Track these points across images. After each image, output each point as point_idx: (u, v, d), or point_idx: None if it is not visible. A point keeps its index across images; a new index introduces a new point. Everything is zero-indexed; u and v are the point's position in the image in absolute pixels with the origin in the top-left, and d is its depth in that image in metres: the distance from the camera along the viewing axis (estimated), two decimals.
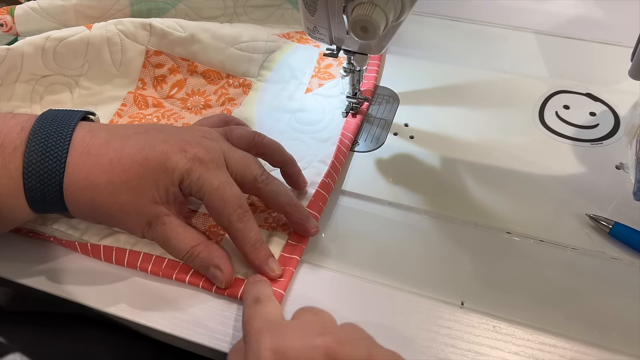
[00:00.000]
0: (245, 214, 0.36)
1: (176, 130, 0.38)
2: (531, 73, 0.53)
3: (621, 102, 0.50)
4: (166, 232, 0.36)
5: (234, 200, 0.36)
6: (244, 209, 0.36)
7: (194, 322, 0.36)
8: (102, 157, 0.35)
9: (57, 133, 0.35)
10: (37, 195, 0.34)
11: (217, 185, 0.35)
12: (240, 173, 0.37)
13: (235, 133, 0.41)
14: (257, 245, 0.37)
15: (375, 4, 0.33)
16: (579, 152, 0.46)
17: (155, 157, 0.35)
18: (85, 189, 0.34)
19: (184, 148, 0.36)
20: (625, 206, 0.42)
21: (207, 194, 0.35)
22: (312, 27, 0.41)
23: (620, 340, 0.35)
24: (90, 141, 0.35)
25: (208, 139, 0.38)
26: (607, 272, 0.39)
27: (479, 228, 0.41)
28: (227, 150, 0.38)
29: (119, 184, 0.34)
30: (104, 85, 0.52)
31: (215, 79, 0.53)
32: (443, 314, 0.36)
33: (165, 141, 0.36)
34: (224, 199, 0.35)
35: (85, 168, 0.34)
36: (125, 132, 0.37)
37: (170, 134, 0.37)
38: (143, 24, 0.52)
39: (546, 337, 0.35)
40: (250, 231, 0.37)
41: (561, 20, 0.58)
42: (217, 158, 0.36)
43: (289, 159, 0.42)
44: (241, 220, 0.36)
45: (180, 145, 0.36)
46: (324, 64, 0.54)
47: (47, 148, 0.34)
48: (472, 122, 0.49)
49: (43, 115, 0.36)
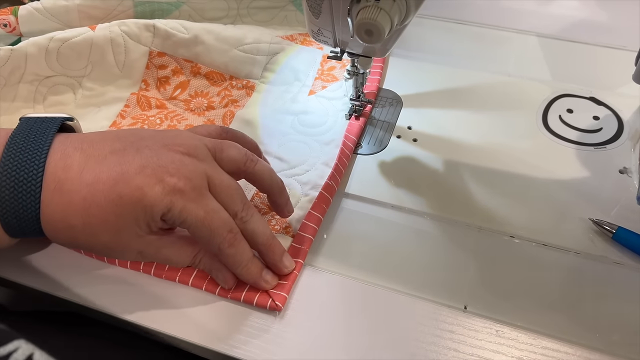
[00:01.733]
0: (236, 237, 0.35)
1: (156, 147, 0.34)
2: (535, 76, 0.53)
3: (625, 106, 0.50)
4: (162, 254, 0.35)
5: (222, 227, 0.34)
6: (233, 233, 0.35)
7: (194, 322, 0.36)
8: (75, 195, 0.32)
9: (29, 162, 0.32)
10: (15, 229, 0.33)
11: (202, 216, 0.33)
12: (223, 203, 0.35)
13: (226, 154, 0.37)
14: (249, 265, 0.36)
15: (380, 8, 0.33)
16: (582, 156, 0.46)
17: (130, 194, 0.32)
18: (63, 230, 0.33)
19: (161, 178, 0.33)
20: (629, 210, 0.42)
21: (192, 225, 0.33)
22: (316, 29, 0.41)
23: (623, 344, 0.35)
24: (63, 174, 0.33)
25: (191, 159, 0.34)
26: (610, 277, 0.38)
27: (482, 231, 0.41)
28: (212, 174, 0.35)
29: (96, 225, 0.32)
30: (107, 87, 0.52)
31: (219, 80, 0.53)
32: (446, 318, 0.36)
33: (141, 170, 0.33)
34: (212, 229, 0.33)
35: (59, 208, 0.32)
36: (100, 151, 0.34)
37: (149, 157, 0.34)
38: (147, 25, 0.52)
39: (549, 341, 0.35)
40: (242, 253, 0.35)
41: (565, 24, 0.58)
42: (199, 185, 0.34)
43: (278, 187, 0.39)
44: (232, 245, 0.35)
45: (157, 174, 0.33)
46: (327, 66, 0.54)
47: (19, 182, 0.32)
48: (475, 125, 0.49)
49: (13, 138, 0.33)
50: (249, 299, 0.36)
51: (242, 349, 0.35)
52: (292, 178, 0.44)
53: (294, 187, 0.43)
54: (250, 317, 0.37)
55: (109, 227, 0.33)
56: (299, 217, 0.41)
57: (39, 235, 0.34)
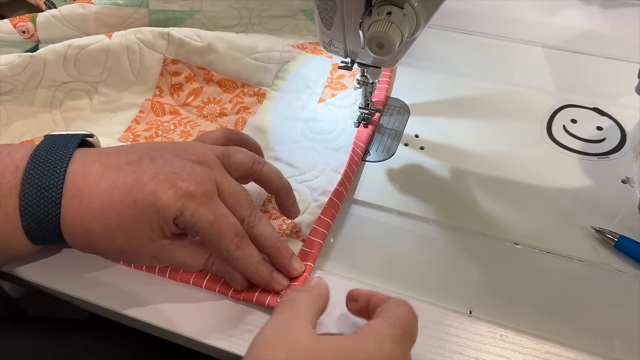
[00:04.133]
0: (243, 241, 0.36)
1: (169, 157, 0.36)
2: (539, 87, 0.54)
3: (628, 117, 0.51)
4: (175, 258, 0.37)
5: (230, 231, 0.35)
6: (240, 236, 0.36)
7: (207, 324, 0.37)
8: (93, 201, 0.34)
9: (50, 171, 0.34)
10: (37, 234, 0.35)
11: (212, 220, 0.34)
12: (231, 208, 0.36)
13: (233, 160, 0.39)
14: (259, 267, 0.37)
15: (391, 21, 0.34)
16: (585, 166, 0.47)
17: (144, 198, 0.34)
18: (81, 235, 0.35)
19: (174, 183, 0.34)
20: (631, 220, 0.43)
21: (202, 229, 0.35)
22: (327, 40, 0.42)
23: (624, 350, 0.36)
24: (82, 181, 0.35)
25: (202, 166, 0.36)
26: (611, 284, 0.39)
27: (487, 238, 0.42)
28: (222, 180, 0.36)
29: (112, 229, 0.34)
30: (122, 92, 0.54)
31: (231, 87, 0.54)
32: (451, 322, 0.37)
33: (154, 176, 0.35)
34: (221, 232, 0.35)
35: (79, 213, 0.34)
36: (117, 162, 0.36)
37: (162, 165, 0.35)
38: (161, 33, 0.53)
39: (552, 346, 0.36)
40: (250, 256, 0.36)
41: (570, 35, 0.60)
42: (209, 190, 0.35)
43: (285, 189, 0.40)
44: (239, 248, 0.36)
45: (170, 180, 0.34)
46: (337, 75, 0.55)
47: (41, 189, 0.34)
48: (481, 134, 0.50)
49: (37, 150, 0.36)
50: (261, 300, 0.37)
51: None
52: (302, 184, 0.45)
53: (304, 193, 0.44)
54: (263, 319, 0.38)
55: (124, 231, 0.34)
56: (308, 222, 0.42)
57: (59, 241, 0.35)
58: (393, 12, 0.34)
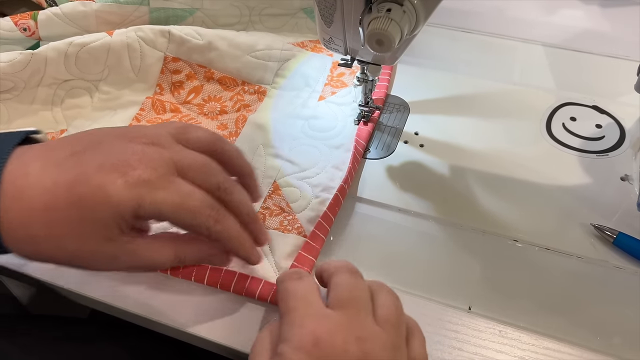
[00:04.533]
0: (220, 213, 0.33)
1: (115, 142, 0.32)
2: (539, 85, 0.55)
3: (627, 115, 0.51)
4: (140, 256, 0.32)
5: (203, 207, 0.32)
6: (216, 209, 0.33)
7: (207, 319, 0.38)
8: (35, 202, 0.30)
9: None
10: None
11: (178, 201, 0.31)
12: (198, 181, 0.33)
13: (193, 135, 0.35)
14: (241, 238, 0.35)
15: (391, 18, 0.34)
16: (584, 163, 0.47)
17: (91, 194, 0.30)
18: (25, 241, 0.30)
19: (123, 172, 0.30)
20: (629, 217, 0.43)
21: (171, 213, 0.31)
22: (327, 37, 0.42)
23: (623, 346, 0.36)
24: (21, 181, 0.30)
25: (154, 147, 0.32)
26: (610, 281, 0.40)
27: (487, 235, 0.43)
28: (180, 156, 0.33)
29: (60, 233, 0.30)
30: (123, 90, 0.54)
31: (231, 85, 0.54)
32: (451, 318, 0.38)
33: (99, 168, 0.30)
34: (193, 211, 0.31)
35: (19, 217, 0.30)
36: (60, 154, 0.32)
37: (107, 153, 0.31)
38: (162, 31, 0.53)
39: (551, 342, 0.36)
40: (230, 228, 0.34)
41: (569, 34, 0.60)
42: (166, 172, 0.31)
43: (248, 170, 0.37)
44: (218, 221, 0.33)
45: (118, 169, 0.30)
46: (337, 73, 0.55)
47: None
48: (480, 132, 0.51)
49: None
50: (263, 295, 0.38)
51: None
52: (303, 181, 0.45)
53: (305, 190, 0.44)
54: (266, 315, 0.38)
55: (74, 234, 0.30)
56: (309, 218, 0.42)
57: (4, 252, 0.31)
58: (393, 9, 0.34)
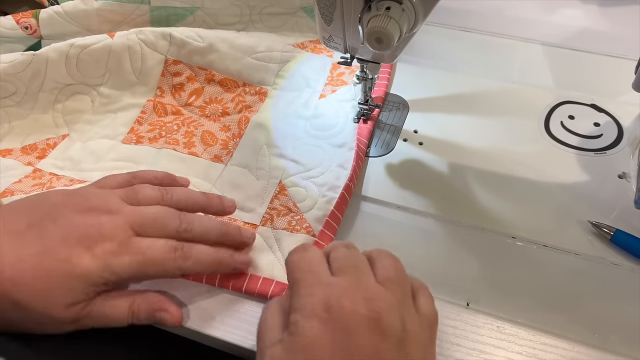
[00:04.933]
0: (184, 250, 0.35)
1: (71, 216, 0.34)
2: (538, 83, 0.55)
3: (625, 113, 0.51)
4: (97, 313, 0.33)
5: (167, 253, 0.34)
6: (180, 249, 0.35)
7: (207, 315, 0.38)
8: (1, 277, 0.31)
9: None
10: None
11: (141, 259, 0.33)
12: (157, 233, 0.35)
13: (142, 195, 0.37)
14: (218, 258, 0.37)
15: (390, 17, 0.35)
16: (582, 161, 0.48)
17: (59, 268, 0.32)
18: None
19: (88, 246, 0.32)
20: (627, 214, 0.43)
21: (139, 272, 0.33)
22: (327, 36, 0.43)
23: (620, 342, 0.36)
24: None
25: (108, 216, 0.34)
26: (608, 277, 0.40)
27: (485, 232, 0.43)
28: (133, 218, 0.35)
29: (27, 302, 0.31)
30: (124, 93, 0.54)
31: (232, 87, 0.55)
32: (449, 314, 0.38)
33: (64, 241, 0.32)
34: (158, 261, 0.34)
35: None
36: (16, 225, 0.33)
37: (67, 226, 0.33)
38: (163, 34, 0.54)
39: (548, 338, 0.36)
40: (201, 254, 0.36)
41: (568, 33, 0.60)
42: (124, 237, 0.34)
43: (203, 202, 0.39)
44: (186, 258, 0.35)
45: (82, 243, 0.33)
46: (337, 73, 0.56)
47: None
48: (479, 130, 0.51)
49: None
50: (264, 291, 0.38)
51: None
52: (309, 180, 0.45)
53: (311, 189, 0.45)
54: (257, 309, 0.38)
55: (40, 301, 0.31)
56: (317, 217, 0.42)
57: None
58: (392, 8, 0.35)
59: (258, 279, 0.39)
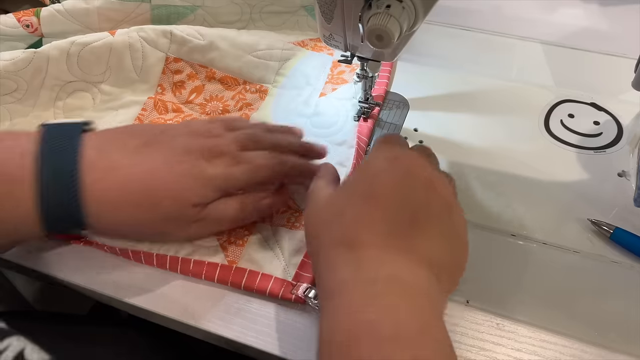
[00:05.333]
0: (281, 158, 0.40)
1: (185, 137, 0.38)
2: (537, 82, 0.55)
3: (624, 112, 0.51)
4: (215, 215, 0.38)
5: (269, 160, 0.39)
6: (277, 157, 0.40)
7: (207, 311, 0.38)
8: (133, 175, 0.35)
9: (66, 156, 0.34)
10: (53, 220, 0.34)
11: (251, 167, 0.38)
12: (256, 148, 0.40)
13: (236, 124, 0.42)
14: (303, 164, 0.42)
15: (390, 14, 0.35)
16: (582, 160, 0.48)
17: (190, 172, 0.36)
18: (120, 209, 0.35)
19: (208, 158, 0.37)
20: (626, 212, 0.43)
21: (254, 172, 0.38)
22: (328, 34, 0.43)
23: (619, 339, 0.36)
24: (107, 161, 0.35)
25: (218, 138, 0.39)
26: (607, 275, 0.40)
27: (485, 230, 0.43)
28: (237, 138, 0.40)
29: (158, 194, 0.35)
30: (125, 91, 0.54)
31: (233, 85, 0.55)
32: (449, 311, 0.38)
33: (186, 154, 0.37)
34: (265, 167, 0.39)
35: (116, 188, 0.34)
36: (134, 144, 0.37)
37: (185, 144, 0.38)
38: (164, 32, 0.54)
39: (547, 335, 0.36)
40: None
41: (568, 32, 0.60)
42: (236, 152, 0.39)
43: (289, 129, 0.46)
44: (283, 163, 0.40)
45: (203, 156, 0.37)
46: (337, 71, 0.56)
47: (59, 174, 0.33)
48: (479, 129, 0.51)
49: (46, 136, 0.35)
50: (262, 288, 0.38)
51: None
52: None
53: None
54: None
55: (172, 200, 0.36)
56: None
57: (74, 226, 0.35)
58: (392, 6, 0.35)
59: (257, 274, 0.39)
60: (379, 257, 0.30)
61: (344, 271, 0.30)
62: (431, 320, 0.28)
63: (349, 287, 0.29)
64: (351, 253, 0.31)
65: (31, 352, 0.25)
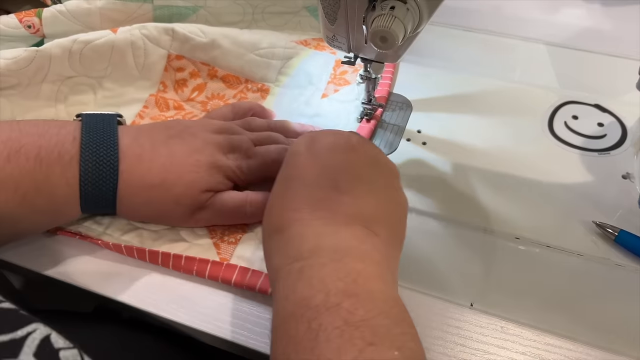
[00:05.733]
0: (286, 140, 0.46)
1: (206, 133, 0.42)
2: (541, 83, 0.55)
3: (629, 113, 0.51)
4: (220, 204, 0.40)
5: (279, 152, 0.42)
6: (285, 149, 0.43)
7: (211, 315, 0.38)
8: (155, 162, 0.39)
9: (106, 141, 0.38)
10: (91, 201, 0.38)
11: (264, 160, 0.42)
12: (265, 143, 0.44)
13: (254, 125, 0.47)
14: None
15: (394, 16, 0.35)
16: (586, 162, 0.48)
17: (206, 160, 0.40)
18: (140, 191, 0.39)
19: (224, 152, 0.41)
20: (631, 214, 0.43)
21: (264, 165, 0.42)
22: (331, 35, 0.43)
23: (623, 343, 0.36)
24: (139, 149, 0.39)
25: (235, 135, 0.43)
26: (611, 278, 0.40)
27: (489, 233, 0.43)
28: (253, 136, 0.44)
29: (173, 180, 0.39)
30: (126, 87, 0.54)
31: (235, 83, 0.55)
32: (453, 314, 0.38)
33: (205, 147, 0.40)
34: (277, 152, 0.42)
35: (140, 173, 0.38)
36: (161, 136, 0.41)
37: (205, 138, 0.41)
38: (166, 29, 0.53)
39: (552, 338, 0.36)
40: None
41: (571, 33, 0.60)
42: (250, 147, 0.42)
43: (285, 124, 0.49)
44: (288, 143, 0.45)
45: (221, 149, 0.41)
46: (340, 71, 0.55)
47: (100, 157, 0.37)
48: (483, 130, 0.51)
49: (87, 124, 0.39)
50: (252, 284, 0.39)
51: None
52: None
53: None
54: (260, 310, 0.38)
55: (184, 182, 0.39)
56: None
57: (107, 208, 0.39)
58: (396, 7, 0.34)
59: (247, 271, 0.39)
60: (301, 233, 0.32)
61: (276, 257, 0.32)
62: (362, 277, 0.29)
63: (282, 272, 0.31)
64: (281, 237, 0.32)
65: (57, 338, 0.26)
